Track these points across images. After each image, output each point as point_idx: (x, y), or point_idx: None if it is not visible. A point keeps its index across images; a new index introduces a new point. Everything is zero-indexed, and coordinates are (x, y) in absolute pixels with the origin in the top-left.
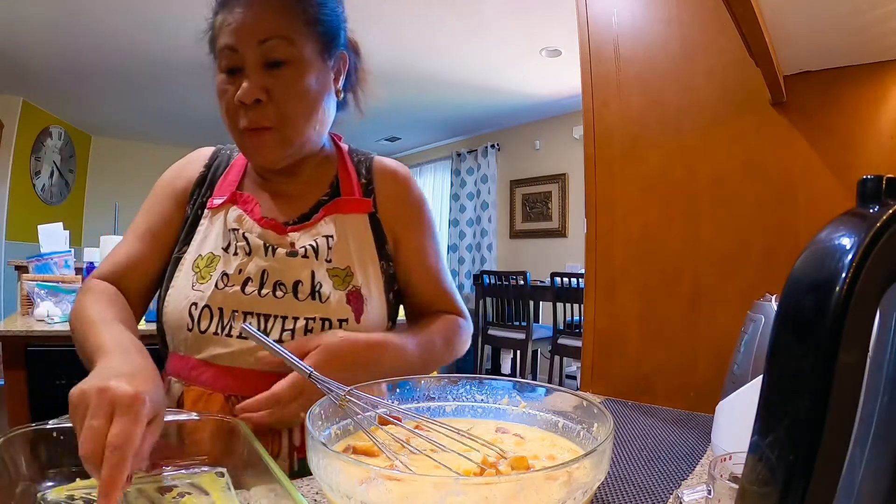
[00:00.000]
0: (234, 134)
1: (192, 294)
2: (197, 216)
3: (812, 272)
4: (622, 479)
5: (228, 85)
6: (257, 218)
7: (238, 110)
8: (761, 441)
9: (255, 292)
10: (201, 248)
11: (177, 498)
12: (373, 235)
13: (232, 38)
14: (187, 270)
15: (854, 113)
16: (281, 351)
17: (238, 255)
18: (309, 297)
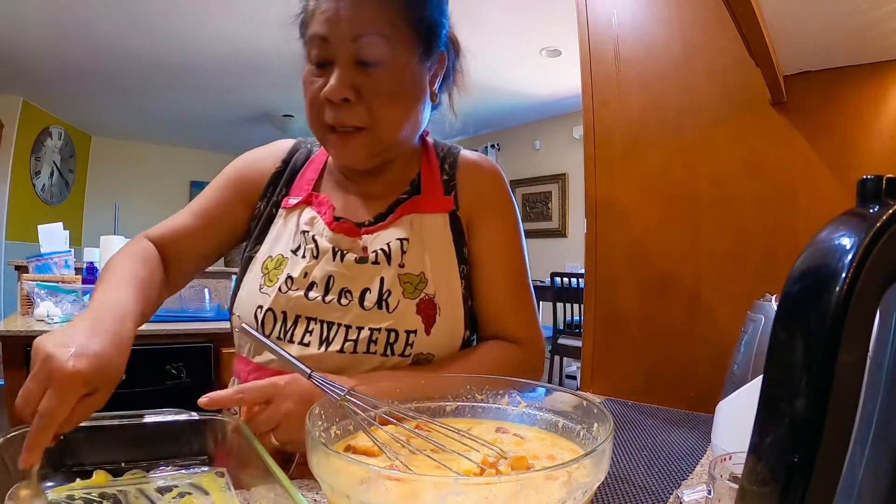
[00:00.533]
0: (318, 129)
1: (258, 297)
2: (272, 214)
3: (812, 272)
4: (622, 479)
5: (316, 77)
6: (328, 221)
7: (324, 105)
8: (761, 441)
9: (318, 298)
10: (273, 248)
11: (177, 498)
12: (452, 236)
13: (324, 27)
14: (257, 272)
15: (854, 113)
16: (280, 351)
17: (305, 258)
18: (375, 305)
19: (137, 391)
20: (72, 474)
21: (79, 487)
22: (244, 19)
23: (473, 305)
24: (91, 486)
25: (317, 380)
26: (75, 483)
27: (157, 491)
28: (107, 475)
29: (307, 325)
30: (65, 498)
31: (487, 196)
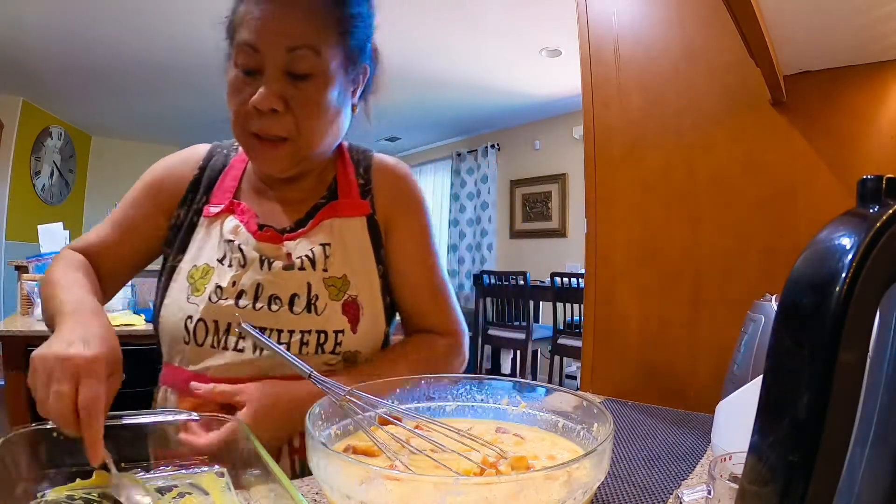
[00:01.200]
0: (242, 135)
1: (187, 307)
2: (193, 222)
3: (812, 272)
4: (622, 479)
5: (243, 85)
6: (253, 230)
7: (250, 113)
8: (761, 441)
9: (249, 306)
10: (197, 258)
11: (177, 498)
12: (370, 238)
13: (255, 36)
14: (182, 281)
15: (854, 113)
16: (280, 350)
17: (232, 268)
18: (305, 310)
19: (137, 391)
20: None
21: (79, 487)
22: None
23: (391, 302)
24: (91, 487)
25: (317, 380)
26: (75, 483)
27: (156, 490)
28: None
29: (239, 333)
30: (65, 497)
31: (401, 199)
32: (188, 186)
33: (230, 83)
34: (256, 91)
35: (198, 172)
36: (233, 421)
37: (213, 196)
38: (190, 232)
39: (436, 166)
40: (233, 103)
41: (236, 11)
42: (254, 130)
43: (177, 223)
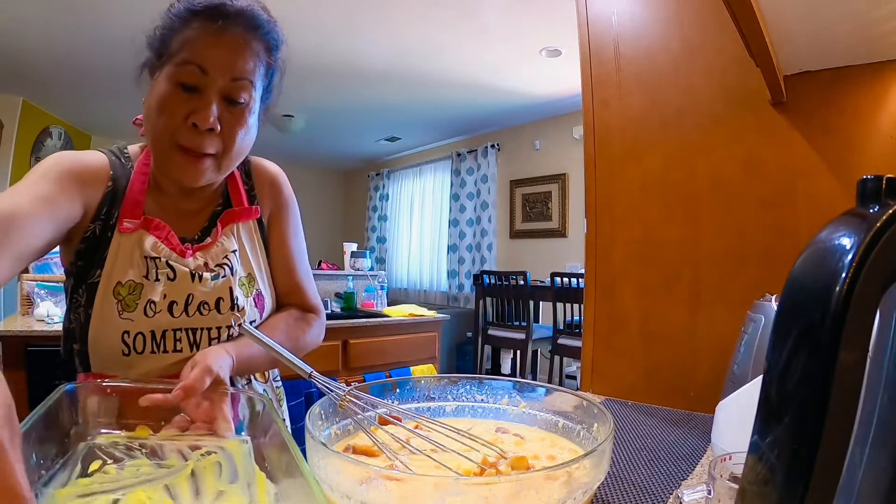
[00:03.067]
0: (167, 145)
1: (120, 322)
2: (107, 238)
3: (812, 272)
4: (622, 479)
5: (178, 100)
6: (176, 246)
7: (183, 127)
8: (761, 441)
9: (182, 314)
10: (118, 274)
11: (204, 455)
12: (260, 237)
13: (205, 60)
14: (108, 298)
15: (854, 113)
16: (280, 350)
17: (160, 282)
18: (229, 309)
19: None
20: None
21: (124, 436)
22: None
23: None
24: (134, 437)
25: (317, 380)
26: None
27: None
28: (148, 430)
29: (175, 336)
30: (110, 443)
31: (279, 198)
32: (102, 200)
33: (163, 96)
34: (191, 108)
35: (110, 184)
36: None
37: (123, 211)
38: (104, 247)
39: (436, 166)
40: (164, 116)
41: (175, 29)
42: (183, 144)
43: (91, 237)
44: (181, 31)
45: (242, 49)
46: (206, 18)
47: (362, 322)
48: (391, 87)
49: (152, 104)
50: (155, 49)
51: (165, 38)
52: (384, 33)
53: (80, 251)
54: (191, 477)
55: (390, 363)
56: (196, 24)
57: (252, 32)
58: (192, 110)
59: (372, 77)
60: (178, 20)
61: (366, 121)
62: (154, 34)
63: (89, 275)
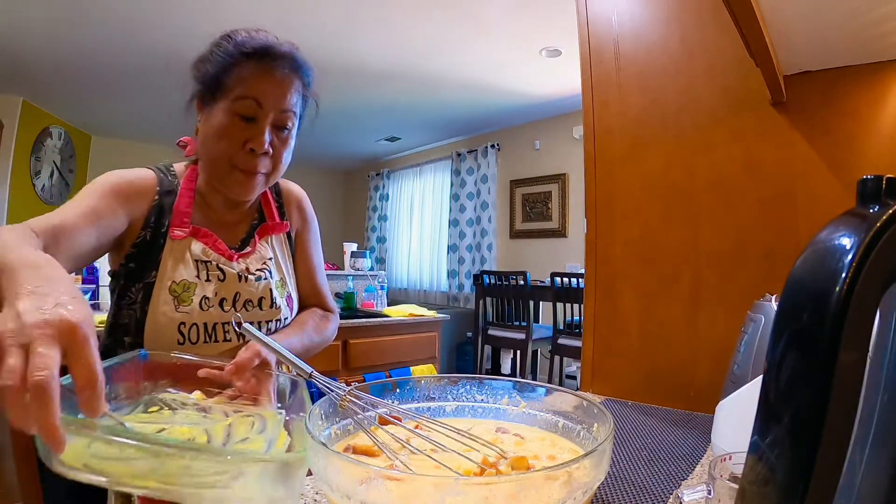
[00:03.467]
0: (224, 166)
1: (178, 316)
2: (160, 244)
3: (812, 272)
4: (622, 479)
5: (237, 129)
6: (224, 251)
7: (241, 153)
8: (761, 441)
9: (231, 309)
10: (173, 275)
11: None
12: (289, 248)
13: (260, 95)
14: (164, 294)
15: (854, 113)
16: (281, 350)
17: (211, 282)
18: (269, 307)
19: None
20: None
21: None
22: (244, 19)
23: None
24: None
25: (317, 380)
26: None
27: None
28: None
29: (224, 328)
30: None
31: (304, 216)
32: (151, 211)
33: (223, 125)
34: (247, 135)
35: (157, 198)
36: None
37: (173, 221)
38: (157, 251)
39: (436, 166)
40: (223, 142)
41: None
42: (241, 166)
43: (142, 242)
44: (235, 69)
45: (288, 85)
46: (258, 59)
47: (362, 322)
48: (391, 87)
49: (211, 132)
50: (207, 84)
51: (219, 75)
52: (384, 33)
53: (132, 255)
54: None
55: (390, 363)
56: (250, 63)
57: (295, 72)
58: (248, 137)
59: (372, 77)
60: (231, 59)
61: (366, 121)
62: (204, 70)
63: (144, 275)
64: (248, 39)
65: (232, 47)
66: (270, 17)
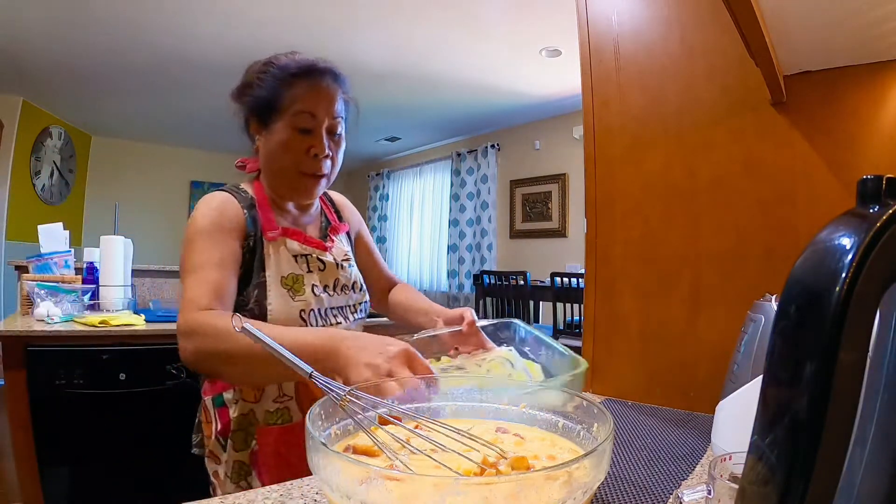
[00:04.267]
0: (294, 174)
1: (296, 304)
2: (261, 248)
3: (812, 272)
4: (622, 479)
5: (297, 141)
6: (318, 244)
7: (306, 160)
8: (761, 441)
9: (335, 295)
10: (280, 271)
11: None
12: (350, 244)
13: (314, 108)
14: (279, 289)
15: (854, 113)
16: (281, 350)
17: (313, 272)
18: (359, 291)
19: (138, 391)
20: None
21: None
22: (244, 19)
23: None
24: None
25: (317, 380)
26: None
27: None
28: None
29: (332, 312)
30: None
31: (357, 217)
32: (246, 224)
33: (286, 141)
34: (308, 144)
35: (246, 212)
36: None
37: (262, 227)
38: (260, 254)
39: (436, 166)
40: (289, 153)
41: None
42: (306, 171)
43: (249, 250)
44: (286, 90)
45: (334, 96)
46: (305, 77)
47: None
48: (391, 87)
49: (276, 147)
50: (260, 108)
51: (272, 98)
52: (384, 33)
53: (244, 264)
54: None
55: None
56: (299, 82)
57: (336, 84)
58: (310, 145)
59: (372, 77)
60: (280, 82)
61: (366, 121)
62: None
63: (253, 278)
64: (291, 62)
65: (278, 71)
66: (271, 17)
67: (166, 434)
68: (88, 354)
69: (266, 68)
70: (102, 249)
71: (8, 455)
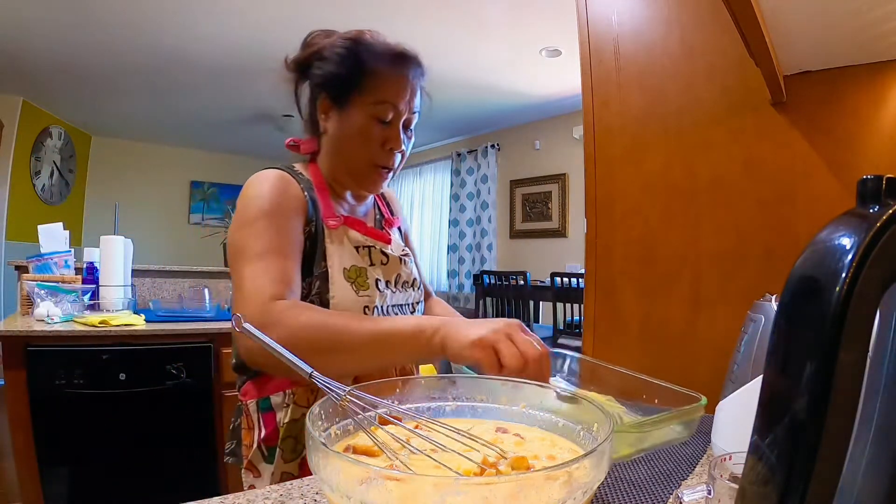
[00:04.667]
0: (366, 165)
1: (360, 299)
2: (322, 235)
3: (812, 272)
4: (622, 479)
5: (376, 131)
6: (381, 236)
7: (380, 152)
8: (761, 441)
9: (398, 291)
10: (342, 262)
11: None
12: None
13: (397, 99)
14: (342, 281)
15: (854, 113)
16: (280, 350)
17: (376, 265)
18: (418, 288)
19: (138, 391)
20: None
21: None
22: (244, 19)
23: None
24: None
25: (317, 380)
26: None
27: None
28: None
29: (393, 309)
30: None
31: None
32: (308, 207)
33: (362, 128)
34: (385, 136)
35: (305, 195)
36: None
37: (322, 213)
38: (322, 242)
39: (436, 166)
40: (366, 143)
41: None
42: (380, 163)
43: (310, 237)
44: (370, 73)
45: (415, 90)
46: (392, 64)
47: None
48: None
49: (351, 133)
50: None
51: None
52: (384, 33)
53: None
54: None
55: None
56: (385, 69)
57: (419, 76)
58: (386, 138)
59: None
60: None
61: None
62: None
63: (314, 267)
64: (378, 44)
65: (364, 52)
66: (271, 17)
67: (166, 434)
68: (88, 354)
69: (348, 44)
70: (102, 249)
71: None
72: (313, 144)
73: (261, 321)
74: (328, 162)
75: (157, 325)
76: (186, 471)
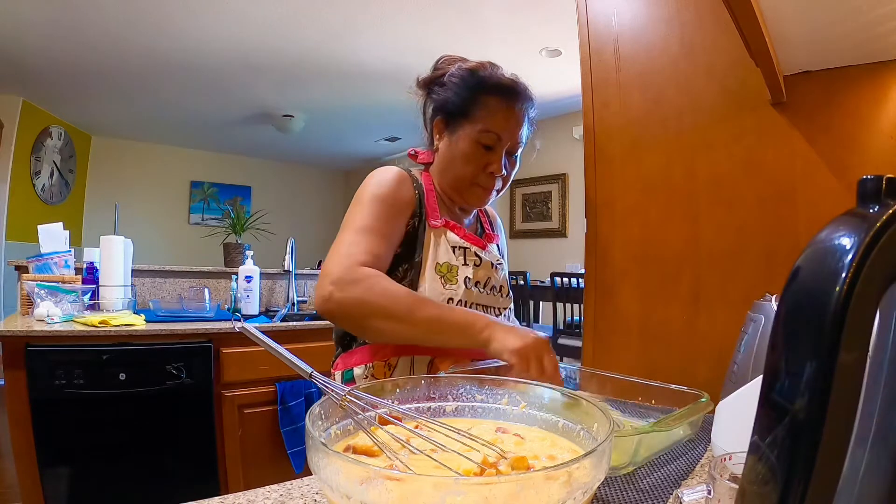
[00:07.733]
0: (466, 184)
1: (446, 292)
2: (423, 231)
3: (812, 272)
4: (622, 479)
5: (479, 154)
6: (478, 241)
7: (482, 175)
8: (761, 441)
9: (483, 292)
10: (436, 257)
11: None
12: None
13: (501, 131)
14: (432, 274)
15: (854, 113)
16: (280, 350)
17: (469, 266)
18: (507, 296)
19: (138, 391)
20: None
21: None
22: (244, 19)
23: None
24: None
25: (317, 380)
26: None
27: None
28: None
29: (475, 307)
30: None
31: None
32: (416, 203)
33: (469, 152)
34: (487, 160)
35: (416, 193)
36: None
37: (427, 213)
38: (422, 237)
39: None
40: (470, 165)
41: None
42: (481, 185)
43: (412, 230)
44: (481, 103)
45: (522, 121)
46: (502, 95)
47: None
48: (391, 87)
49: (458, 155)
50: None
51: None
52: (384, 33)
53: (404, 241)
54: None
55: None
56: (495, 100)
57: (528, 108)
58: (488, 162)
59: (372, 77)
60: (476, 95)
61: (366, 121)
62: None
63: (410, 258)
64: (492, 77)
65: (476, 84)
66: (271, 17)
67: (166, 434)
68: (88, 354)
69: (465, 74)
70: (102, 249)
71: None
72: (430, 156)
73: (344, 277)
74: (438, 175)
75: (157, 325)
76: (186, 471)
